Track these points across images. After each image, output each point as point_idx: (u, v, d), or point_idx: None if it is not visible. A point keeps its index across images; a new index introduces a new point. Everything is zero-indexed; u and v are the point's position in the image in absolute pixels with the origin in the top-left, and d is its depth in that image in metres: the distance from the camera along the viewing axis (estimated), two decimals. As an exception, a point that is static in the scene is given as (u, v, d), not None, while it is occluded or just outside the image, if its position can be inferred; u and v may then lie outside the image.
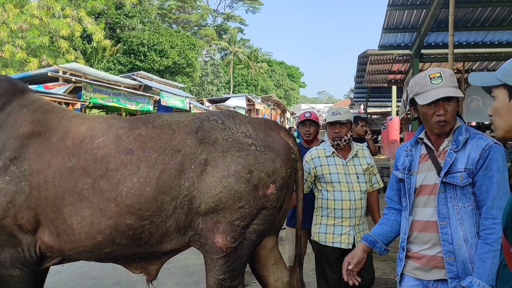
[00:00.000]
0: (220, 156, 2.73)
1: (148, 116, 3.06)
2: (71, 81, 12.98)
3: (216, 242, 2.72)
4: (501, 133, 1.54)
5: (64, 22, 22.41)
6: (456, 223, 2.07)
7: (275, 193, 2.79)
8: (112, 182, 2.65)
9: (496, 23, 9.28)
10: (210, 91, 40.62)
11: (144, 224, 2.67)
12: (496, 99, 1.53)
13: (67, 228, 2.69)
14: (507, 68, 1.52)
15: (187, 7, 50.19)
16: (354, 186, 3.45)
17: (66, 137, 2.78)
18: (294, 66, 73.58)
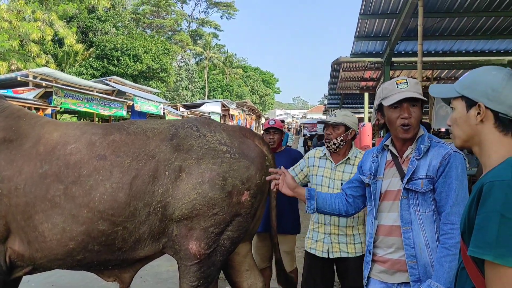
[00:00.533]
0: (195, 163, 2.73)
1: (122, 123, 3.04)
2: (42, 86, 12.70)
3: (190, 248, 2.72)
4: (459, 142, 1.60)
5: (35, 26, 21.93)
6: (418, 228, 2.14)
7: (249, 200, 2.81)
8: (84, 188, 2.62)
9: (463, 32, 9.61)
10: (185, 96, 40.40)
11: (117, 230, 2.64)
12: (455, 110, 1.59)
13: (38, 236, 2.64)
14: (464, 81, 1.58)
15: (161, 12, 49.85)
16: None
17: (38, 144, 2.75)
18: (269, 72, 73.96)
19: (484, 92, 1.49)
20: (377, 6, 8.63)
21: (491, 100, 1.48)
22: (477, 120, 1.50)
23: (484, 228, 1.32)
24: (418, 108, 2.22)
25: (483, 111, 1.49)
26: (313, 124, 28.92)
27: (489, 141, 1.50)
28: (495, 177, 1.37)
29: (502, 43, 10.21)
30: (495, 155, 1.47)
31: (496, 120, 1.48)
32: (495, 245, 1.28)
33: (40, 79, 13.39)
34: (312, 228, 3.46)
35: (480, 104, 1.49)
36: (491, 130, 1.49)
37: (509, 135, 1.48)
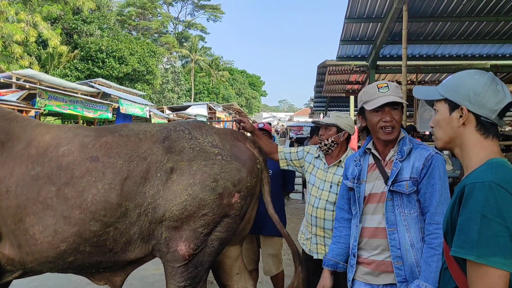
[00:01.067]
0: (186, 164, 2.76)
1: (115, 126, 3.06)
2: (25, 87, 12.55)
3: (179, 250, 2.72)
4: (441, 143, 1.63)
5: (18, 27, 21.63)
6: (403, 229, 2.17)
7: (239, 202, 2.84)
8: (77, 189, 2.62)
9: (447, 37, 9.76)
10: (171, 99, 40.23)
11: (109, 230, 2.65)
12: (438, 112, 1.63)
13: (29, 239, 2.62)
14: (448, 84, 1.62)
15: (147, 14, 49.64)
16: (323, 194, 3.31)
17: (30, 146, 2.74)
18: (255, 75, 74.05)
19: (466, 95, 1.53)
20: (362, 10, 8.73)
21: (473, 103, 1.51)
22: (459, 122, 1.54)
23: (466, 229, 1.35)
24: (399, 111, 2.28)
25: (465, 114, 1.52)
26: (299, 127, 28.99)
27: (471, 144, 1.53)
28: (476, 179, 1.40)
29: (484, 47, 10.39)
30: (476, 157, 1.51)
31: (477, 123, 1.52)
32: (477, 245, 1.31)
33: (24, 81, 13.23)
34: (305, 225, 3.47)
35: (463, 107, 1.53)
36: (473, 133, 1.53)
37: (489, 138, 1.52)
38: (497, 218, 1.31)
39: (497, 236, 1.30)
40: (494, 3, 8.13)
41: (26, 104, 12.25)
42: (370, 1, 8.34)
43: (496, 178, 1.37)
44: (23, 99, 12.34)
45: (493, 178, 1.37)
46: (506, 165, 1.45)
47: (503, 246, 1.30)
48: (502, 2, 8.08)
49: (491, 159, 1.47)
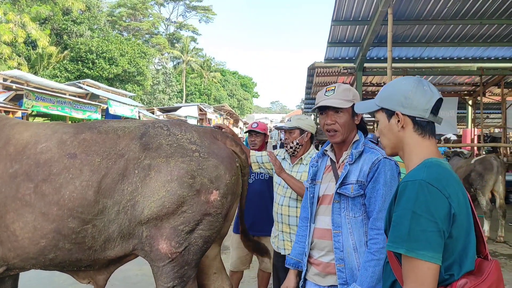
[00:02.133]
0: (164, 161, 2.75)
1: (94, 122, 3.05)
2: (12, 88, 12.47)
3: (161, 248, 2.72)
4: (389, 150, 1.73)
5: (7, 27, 21.48)
6: (347, 232, 2.18)
7: (219, 200, 2.82)
8: (54, 186, 2.63)
9: (432, 39, 9.85)
10: (162, 100, 40.15)
11: (87, 227, 2.65)
12: (379, 122, 1.72)
13: (10, 235, 2.63)
14: (381, 94, 1.72)
15: (138, 14, 49.51)
16: (287, 192, 3.47)
17: (8, 144, 2.75)
18: (247, 76, 74.17)
19: (398, 101, 1.63)
20: (348, 13, 8.79)
21: (405, 107, 1.62)
22: (398, 127, 1.64)
23: (398, 225, 1.44)
24: (344, 114, 2.28)
25: (401, 118, 1.62)
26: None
27: (410, 145, 1.63)
28: (409, 177, 1.50)
29: (470, 50, 10.48)
30: (416, 158, 1.60)
31: (414, 124, 1.63)
32: (407, 239, 1.41)
33: (11, 82, 13.14)
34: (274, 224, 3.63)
35: (398, 112, 1.63)
36: (411, 134, 1.63)
37: (426, 137, 1.63)
38: (426, 214, 1.40)
39: (426, 231, 1.39)
40: (478, 6, 8.21)
41: (13, 105, 12.19)
42: (356, 4, 8.40)
43: (427, 177, 1.45)
44: (10, 100, 12.26)
45: (424, 176, 1.45)
46: (440, 164, 1.54)
47: (432, 240, 1.39)
48: (485, 5, 8.16)
49: (427, 159, 1.56)
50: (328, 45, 10.28)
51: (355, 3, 8.32)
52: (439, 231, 1.39)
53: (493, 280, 1.45)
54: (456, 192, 1.46)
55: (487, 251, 1.57)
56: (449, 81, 13.34)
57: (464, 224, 1.46)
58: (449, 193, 1.43)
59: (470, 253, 1.48)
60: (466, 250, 1.47)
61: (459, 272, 1.45)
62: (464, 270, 1.45)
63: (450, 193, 1.43)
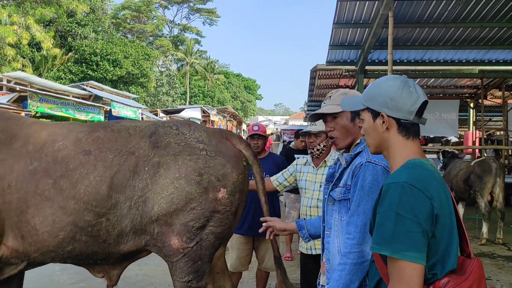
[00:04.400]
0: (172, 159, 2.85)
1: (108, 122, 3.23)
2: (16, 90, 12.57)
3: (172, 244, 2.81)
4: (372, 149, 1.74)
5: (11, 29, 21.59)
6: (334, 234, 2.21)
7: (227, 198, 2.90)
8: (71, 181, 2.77)
9: (433, 42, 9.86)
10: (165, 102, 40.24)
11: (101, 221, 2.78)
12: (364, 121, 1.74)
13: (31, 230, 2.76)
14: (367, 93, 1.73)
15: (142, 17, 49.66)
16: (314, 194, 3.62)
17: (27, 143, 2.89)
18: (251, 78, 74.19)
19: (384, 102, 1.64)
20: (350, 15, 8.82)
21: (391, 109, 1.62)
22: (383, 128, 1.65)
23: (382, 226, 1.46)
24: (342, 119, 2.27)
25: (386, 119, 1.63)
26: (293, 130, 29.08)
27: (394, 146, 1.64)
28: (392, 179, 1.52)
29: (471, 53, 10.48)
30: (399, 158, 1.62)
31: (399, 126, 1.63)
32: (392, 240, 1.42)
33: (14, 83, 13.24)
34: None
35: (383, 113, 1.63)
36: (395, 135, 1.64)
37: (410, 139, 1.64)
38: (410, 215, 1.42)
39: (411, 233, 1.41)
40: (478, 10, 8.23)
41: (17, 106, 12.28)
42: (357, 7, 8.43)
43: (410, 178, 1.47)
44: (14, 101, 12.36)
45: (406, 178, 1.47)
46: (423, 165, 1.55)
47: (416, 241, 1.41)
48: (486, 9, 8.18)
49: (409, 160, 1.58)
50: (330, 47, 10.32)
51: (356, 6, 8.36)
52: (422, 231, 1.41)
53: (475, 278, 1.48)
54: (438, 192, 1.48)
55: (470, 249, 1.60)
56: (450, 83, 13.34)
57: (447, 224, 1.49)
58: (431, 194, 1.45)
59: (452, 252, 1.51)
60: (448, 249, 1.49)
61: (442, 271, 1.47)
62: (447, 269, 1.48)
63: (432, 194, 1.45)
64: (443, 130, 12.74)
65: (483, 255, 6.95)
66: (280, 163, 4.75)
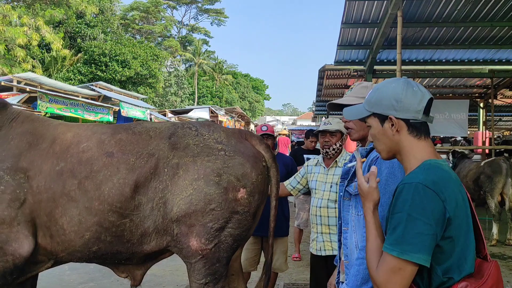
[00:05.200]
0: (191, 160, 2.87)
1: (129, 124, 3.24)
2: (26, 91, 12.68)
3: (191, 245, 2.83)
4: (384, 154, 1.71)
5: (21, 31, 21.77)
6: (351, 229, 2.20)
7: (246, 198, 2.89)
8: (95, 182, 2.83)
9: (443, 42, 9.79)
10: (174, 102, 40.37)
11: (125, 222, 2.82)
12: (372, 127, 1.72)
13: (59, 229, 2.83)
14: (371, 99, 1.71)
15: (150, 18, 49.88)
16: (324, 194, 3.61)
17: (54, 144, 2.96)
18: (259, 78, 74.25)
19: (390, 105, 1.62)
20: (358, 15, 8.77)
21: (398, 110, 1.61)
22: (393, 131, 1.62)
23: (393, 227, 1.45)
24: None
25: (395, 122, 1.61)
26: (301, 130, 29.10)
27: (407, 147, 1.62)
28: (407, 180, 1.50)
29: (480, 52, 10.39)
30: (414, 159, 1.59)
31: (408, 127, 1.61)
32: (401, 241, 1.41)
33: (24, 84, 13.34)
34: (311, 228, 3.77)
35: (391, 116, 1.61)
36: (407, 137, 1.62)
37: (422, 138, 1.62)
38: (422, 217, 1.40)
39: (422, 234, 1.40)
40: (488, 9, 8.15)
41: (27, 107, 12.38)
42: (365, 7, 8.39)
43: (425, 179, 1.45)
44: (24, 102, 12.46)
45: (421, 179, 1.45)
46: (439, 166, 1.53)
47: (426, 243, 1.40)
48: (496, 8, 8.10)
49: (425, 160, 1.55)
50: (338, 47, 10.28)
51: (365, 5, 8.31)
52: (433, 234, 1.40)
53: (494, 281, 1.46)
54: (454, 194, 1.46)
55: (486, 251, 1.57)
56: (460, 83, 13.24)
57: (463, 226, 1.47)
58: (445, 196, 1.43)
59: (469, 256, 1.49)
60: (465, 253, 1.47)
61: (459, 275, 1.45)
62: (464, 273, 1.46)
63: (446, 197, 1.43)
64: (453, 130, 12.62)
65: (493, 257, 6.88)
66: (289, 163, 4.76)
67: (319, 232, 3.61)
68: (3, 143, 2.92)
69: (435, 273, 1.47)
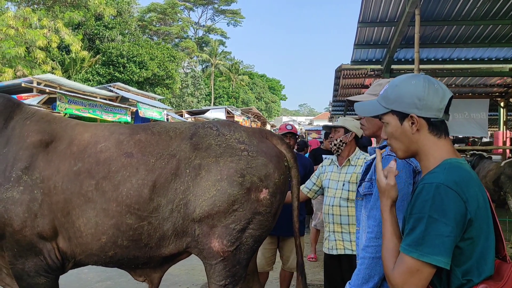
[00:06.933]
0: (213, 161, 2.84)
1: (148, 124, 3.22)
2: (45, 92, 12.87)
3: (213, 246, 2.80)
4: (401, 153, 1.66)
5: (41, 33, 22.13)
6: (362, 229, 2.17)
7: (269, 198, 2.87)
8: (113, 183, 2.79)
9: (462, 40, 9.62)
10: (190, 103, 40.58)
11: (143, 224, 2.78)
12: (389, 125, 1.65)
13: (76, 231, 2.81)
14: (389, 96, 1.64)
15: (168, 19, 50.23)
16: (336, 193, 3.60)
17: (72, 144, 2.94)
18: (275, 79, 74.10)
19: (412, 103, 1.56)
20: (375, 14, 8.68)
21: (420, 109, 1.55)
22: (413, 130, 1.57)
23: (413, 228, 1.41)
24: None
25: (417, 120, 1.56)
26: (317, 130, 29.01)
27: (427, 147, 1.57)
28: (427, 180, 1.46)
29: (501, 51, 10.18)
30: (433, 159, 1.55)
31: (429, 125, 1.56)
32: (422, 243, 1.38)
33: (44, 85, 13.55)
34: (324, 227, 3.76)
35: (412, 115, 1.56)
36: (427, 136, 1.57)
37: (442, 137, 1.57)
38: (443, 218, 1.36)
39: (442, 236, 1.36)
40: (508, 6, 7.98)
41: (47, 108, 12.56)
42: (383, 5, 8.29)
43: (446, 179, 1.41)
44: (44, 103, 12.65)
45: (442, 179, 1.41)
46: (460, 165, 1.49)
47: (446, 245, 1.36)
48: (517, 5, 7.94)
49: (446, 159, 1.51)
50: (355, 47, 10.18)
51: (382, 4, 8.22)
52: (454, 236, 1.36)
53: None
54: (476, 195, 1.43)
55: (506, 252, 1.53)
56: (479, 82, 13.00)
57: (483, 228, 1.43)
58: (467, 197, 1.39)
59: (489, 258, 1.45)
60: (485, 254, 1.44)
61: (478, 277, 1.42)
62: (483, 275, 1.43)
63: (468, 197, 1.39)
64: (472, 130, 12.40)
65: (514, 259, 6.73)
66: (308, 165, 4.73)
67: (331, 231, 3.59)
68: (19, 142, 2.90)
69: (454, 275, 1.43)
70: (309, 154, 8.19)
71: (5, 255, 2.92)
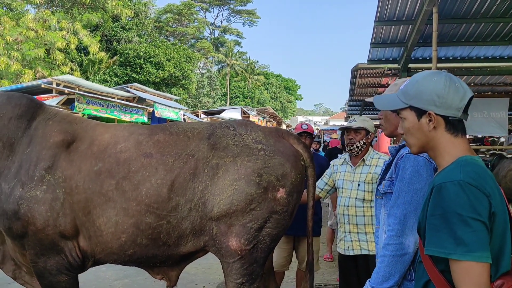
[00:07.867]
0: (231, 160, 2.88)
1: (166, 124, 3.28)
2: (64, 92, 13.07)
3: (231, 245, 2.84)
4: (416, 149, 1.66)
5: (60, 35, 22.49)
6: (382, 228, 2.17)
7: (285, 198, 2.90)
8: (133, 183, 2.84)
9: (481, 38, 9.49)
10: (206, 103, 40.76)
11: (162, 223, 2.83)
12: (406, 120, 1.65)
13: (96, 230, 2.87)
14: (409, 91, 1.63)
15: (184, 20, 50.52)
16: (352, 193, 3.56)
17: (92, 144, 3.00)
18: (290, 78, 74.02)
19: (431, 100, 1.55)
20: (392, 12, 8.61)
21: (439, 106, 1.54)
22: (429, 127, 1.57)
23: (444, 228, 1.38)
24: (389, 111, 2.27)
25: (434, 118, 1.55)
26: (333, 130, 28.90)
27: (442, 144, 1.56)
28: (445, 178, 1.44)
29: (521, 48, 10.02)
30: (448, 156, 1.54)
31: (446, 124, 1.55)
32: (460, 243, 1.35)
33: (63, 86, 13.75)
34: (339, 228, 3.72)
35: (430, 112, 1.55)
36: (443, 134, 1.56)
37: (459, 136, 1.56)
38: (473, 214, 1.35)
39: (477, 232, 1.34)
40: (529, 3, 7.85)
41: (65, 108, 12.75)
42: (400, 4, 8.22)
43: (465, 176, 1.40)
44: (63, 103, 12.85)
45: (462, 176, 1.40)
46: (475, 162, 1.48)
47: (483, 240, 1.35)
48: (538, 1, 7.79)
49: (460, 157, 1.50)
50: (372, 46, 10.11)
51: (399, 2, 8.14)
52: (487, 229, 1.35)
53: None
54: (494, 190, 1.42)
55: None
56: (499, 81, 12.78)
57: (501, 223, 1.42)
58: (488, 191, 1.39)
59: (506, 253, 1.44)
60: (502, 250, 1.43)
61: (495, 273, 1.41)
62: (500, 271, 1.41)
63: (489, 192, 1.39)
64: (492, 129, 12.18)
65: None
66: (324, 164, 4.71)
67: (347, 232, 3.56)
68: (42, 141, 2.96)
69: None
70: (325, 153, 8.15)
71: (26, 253, 2.98)
